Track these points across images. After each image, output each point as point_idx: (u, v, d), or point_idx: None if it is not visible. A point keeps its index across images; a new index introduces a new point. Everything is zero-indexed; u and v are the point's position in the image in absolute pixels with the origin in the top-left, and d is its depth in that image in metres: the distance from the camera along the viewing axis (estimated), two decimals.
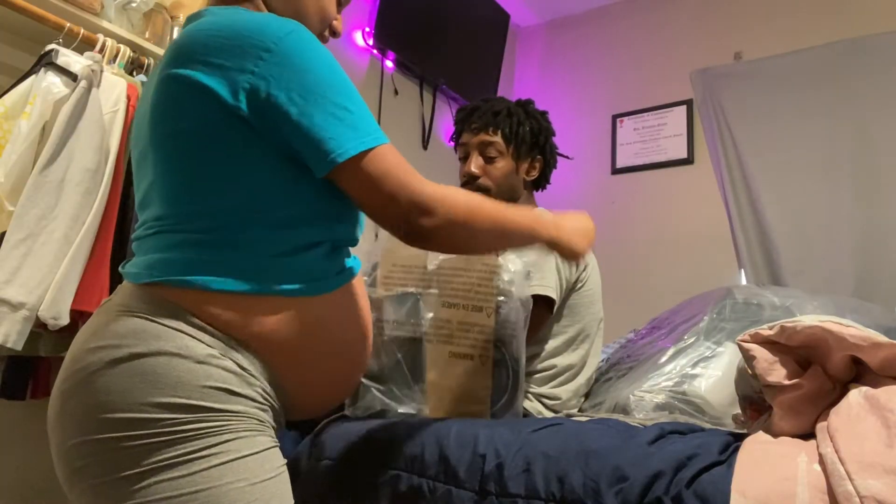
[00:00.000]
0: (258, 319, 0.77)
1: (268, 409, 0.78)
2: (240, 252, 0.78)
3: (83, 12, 1.70)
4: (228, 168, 0.78)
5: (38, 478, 1.65)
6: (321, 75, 0.78)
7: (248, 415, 0.75)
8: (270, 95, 0.75)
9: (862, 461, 0.70)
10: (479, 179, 1.68)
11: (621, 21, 3.32)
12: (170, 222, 0.80)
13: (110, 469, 0.70)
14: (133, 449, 0.70)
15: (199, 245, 0.78)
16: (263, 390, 0.78)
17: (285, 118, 0.76)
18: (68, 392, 0.74)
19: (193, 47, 0.78)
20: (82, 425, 0.72)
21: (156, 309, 0.75)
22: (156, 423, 0.70)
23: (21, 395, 1.60)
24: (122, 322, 0.75)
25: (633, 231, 3.01)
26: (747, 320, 1.47)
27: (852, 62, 2.52)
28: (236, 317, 0.76)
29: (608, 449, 0.89)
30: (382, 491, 1.00)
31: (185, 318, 0.75)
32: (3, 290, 1.40)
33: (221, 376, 0.74)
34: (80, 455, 0.72)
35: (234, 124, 0.77)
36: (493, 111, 1.68)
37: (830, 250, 2.46)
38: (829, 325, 0.85)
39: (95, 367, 0.73)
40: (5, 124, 1.51)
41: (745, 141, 2.69)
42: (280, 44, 0.76)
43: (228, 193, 0.79)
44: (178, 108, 0.79)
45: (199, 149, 0.78)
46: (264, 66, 0.75)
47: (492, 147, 1.68)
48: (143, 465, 0.70)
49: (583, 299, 1.67)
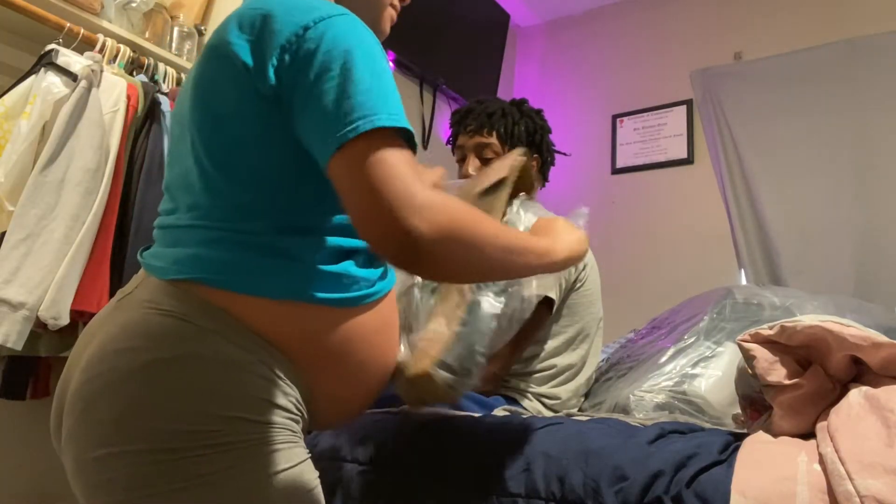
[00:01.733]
0: (299, 327, 0.73)
1: (299, 420, 0.74)
2: (283, 257, 0.73)
3: (83, 12, 1.70)
4: (272, 164, 0.74)
5: (39, 478, 1.65)
6: (363, 51, 0.71)
7: (284, 426, 0.71)
8: (294, 65, 0.70)
9: (862, 461, 0.70)
10: None
11: (621, 21, 3.32)
12: (209, 215, 0.75)
13: (138, 485, 0.64)
14: (165, 464, 0.64)
15: (241, 246, 0.73)
16: (297, 400, 0.73)
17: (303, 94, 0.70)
18: (93, 395, 0.68)
19: (239, 20, 0.75)
20: (110, 435, 0.66)
21: (191, 309, 0.70)
22: (192, 434, 0.65)
23: (21, 395, 1.60)
24: (154, 321, 0.69)
25: (633, 231, 3.01)
26: (747, 320, 1.47)
27: (852, 62, 2.52)
28: (276, 323, 0.71)
29: (608, 449, 0.89)
30: (383, 490, 1.00)
31: (224, 320, 0.70)
32: (3, 290, 1.40)
33: (260, 385, 0.69)
34: (105, 468, 0.65)
35: (271, 113, 0.72)
36: (488, 112, 1.68)
37: (830, 250, 2.46)
38: (829, 325, 0.85)
39: (126, 370, 0.67)
40: (5, 124, 1.51)
41: (745, 141, 2.69)
42: (324, 21, 0.71)
43: (258, 189, 0.74)
44: (216, 89, 0.75)
45: (239, 139, 0.74)
46: (297, 42, 0.70)
47: (488, 148, 1.68)
48: (175, 482, 0.64)
49: (582, 299, 1.67)
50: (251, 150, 0.74)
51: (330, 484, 1.05)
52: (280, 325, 0.72)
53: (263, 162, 0.74)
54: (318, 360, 0.74)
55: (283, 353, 0.72)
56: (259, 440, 0.68)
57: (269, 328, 0.71)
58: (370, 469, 1.03)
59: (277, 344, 0.71)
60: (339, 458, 1.06)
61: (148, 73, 1.82)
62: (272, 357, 0.71)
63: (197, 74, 0.78)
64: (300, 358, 0.73)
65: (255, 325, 0.71)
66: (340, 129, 0.67)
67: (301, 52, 0.70)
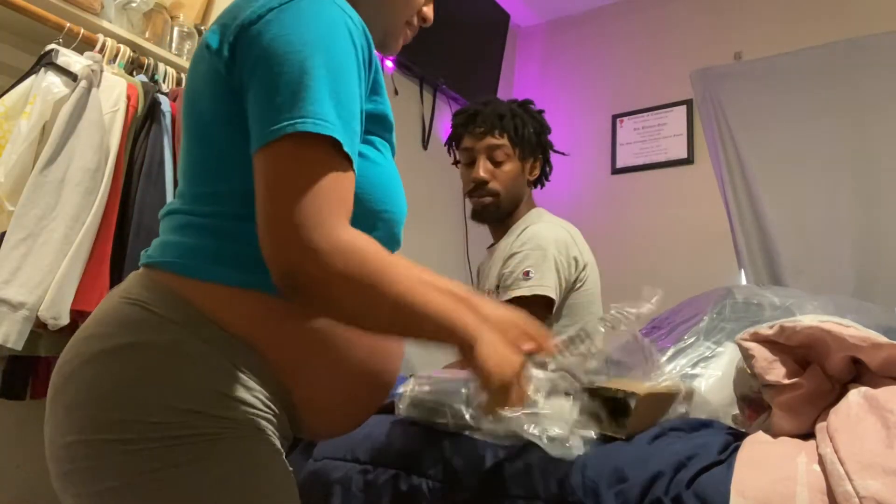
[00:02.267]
0: (261, 320, 0.69)
1: (271, 418, 0.70)
2: (242, 244, 0.69)
3: (83, 12, 1.70)
4: (230, 147, 0.71)
5: (39, 478, 1.65)
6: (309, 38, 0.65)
7: (245, 422, 0.67)
8: (246, 45, 0.67)
9: (861, 461, 0.70)
10: (488, 184, 1.69)
11: (621, 21, 3.32)
12: (186, 201, 0.74)
13: (97, 478, 0.63)
14: (118, 455, 0.63)
15: (199, 229, 0.71)
16: (266, 397, 0.70)
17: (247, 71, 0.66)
18: (58, 384, 0.68)
19: (224, 10, 0.74)
20: (69, 423, 0.66)
21: (157, 299, 0.69)
22: (144, 426, 0.63)
23: (21, 395, 1.60)
24: (120, 310, 0.69)
25: (633, 231, 3.01)
26: (747, 320, 1.47)
27: (852, 62, 2.52)
28: (238, 314, 0.69)
29: (608, 449, 0.89)
30: (383, 490, 1.00)
31: (186, 311, 0.68)
32: (3, 290, 1.40)
33: (217, 379, 0.66)
34: (68, 457, 0.65)
35: (228, 94, 0.70)
36: (498, 114, 1.68)
37: (830, 250, 2.46)
38: (828, 326, 0.85)
39: (85, 356, 0.67)
40: (5, 124, 1.51)
41: (745, 141, 2.69)
42: (290, 3, 0.67)
43: (231, 178, 0.71)
44: (196, 75, 0.75)
45: (207, 122, 0.73)
46: (257, 20, 0.67)
47: (500, 150, 1.69)
48: (125, 476, 0.63)
49: (582, 299, 1.67)
50: (219, 135, 0.72)
51: (330, 484, 1.05)
52: (239, 314, 0.69)
53: (229, 146, 0.71)
54: (289, 357, 0.71)
55: (250, 347, 0.69)
56: (215, 435, 0.65)
57: (229, 317, 0.68)
58: (371, 469, 1.03)
59: (242, 337, 0.68)
60: (339, 458, 1.07)
61: (148, 73, 1.82)
62: (235, 351, 0.68)
63: (191, 68, 0.79)
64: (271, 354, 0.70)
65: (217, 316, 0.68)
66: (270, 124, 0.63)
67: (254, 29, 0.67)
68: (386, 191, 0.78)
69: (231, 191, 0.71)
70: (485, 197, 1.70)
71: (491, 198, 1.70)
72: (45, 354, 1.57)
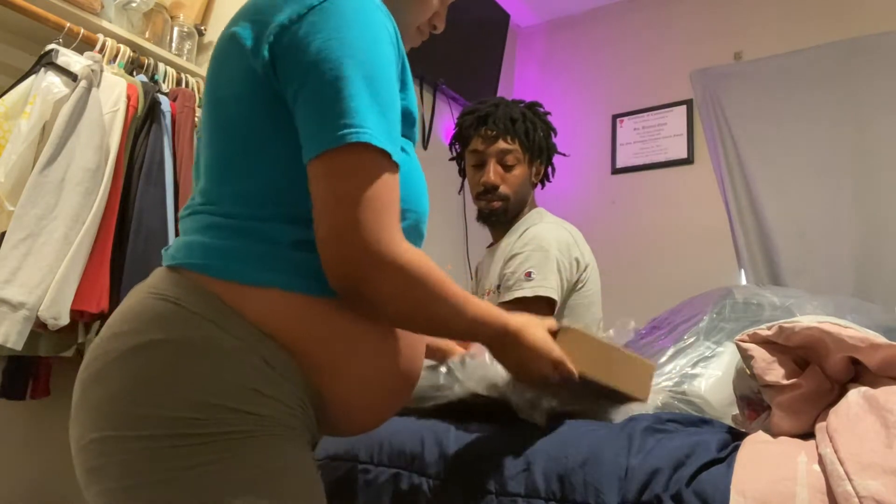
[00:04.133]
0: (295, 320, 0.69)
1: (298, 416, 0.70)
2: (263, 243, 0.70)
3: (83, 12, 1.70)
4: (261, 146, 0.71)
5: (39, 477, 1.65)
6: (358, 44, 0.67)
7: (277, 420, 0.67)
8: (291, 48, 0.67)
9: (861, 461, 0.70)
10: (498, 189, 1.69)
11: (621, 21, 3.32)
12: (211, 201, 0.74)
13: (125, 473, 0.63)
14: (149, 451, 0.63)
15: (225, 230, 0.71)
16: (296, 396, 0.69)
17: (301, 75, 0.67)
18: (88, 380, 0.68)
19: (248, 5, 0.74)
20: (100, 419, 0.65)
21: (186, 294, 0.68)
22: (176, 422, 0.63)
23: (21, 395, 1.60)
24: (149, 305, 0.69)
25: (633, 231, 3.01)
26: (747, 320, 1.47)
27: (852, 62, 2.52)
28: (270, 314, 0.68)
29: (608, 447, 0.89)
30: (383, 489, 1.00)
31: (218, 307, 0.67)
32: (3, 290, 1.40)
33: (248, 374, 0.66)
34: (96, 453, 0.65)
35: (266, 93, 0.70)
36: (511, 118, 1.68)
37: (830, 250, 2.46)
38: (827, 327, 0.85)
39: (115, 353, 0.66)
40: (5, 124, 1.51)
41: (745, 141, 2.69)
42: (329, 1, 0.67)
43: (260, 176, 0.71)
44: (222, 71, 0.74)
45: (237, 121, 0.72)
46: (298, 20, 0.67)
47: (511, 155, 1.69)
48: (158, 472, 0.62)
49: (583, 300, 1.67)
50: (250, 132, 0.72)
51: (330, 483, 1.05)
52: (274, 315, 0.69)
53: (259, 144, 0.71)
54: (319, 357, 0.71)
55: (282, 345, 0.69)
56: (246, 433, 0.65)
57: (263, 318, 0.68)
58: (371, 468, 1.03)
59: (275, 335, 0.68)
60: (341, 458, 1.07)
61: (148, 73, 1.82)
62: (267, 348, 0.68)
63: (210, 65, 0.78)
64: (302, 354, 0.70)
65: (249, 314, 0.68)
66: (324, 133, 0.65)
67: (300, 34, 0.67)
68: (412, 188, 0.78)
69: (258, 189, 0.72)
70: (494, 201, 1.70)
71: (500, 202, 1.70)
72: (45, 354, 1.57)
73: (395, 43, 0.72)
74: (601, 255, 1.81)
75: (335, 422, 0.76)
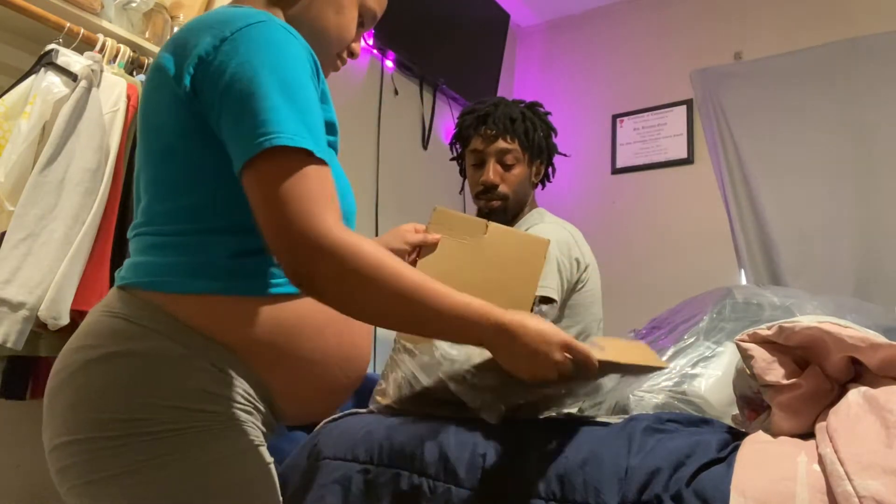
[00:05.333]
0: (232, 322, 0.76)
1: (251, 411, 0.77)
2: (200, 254, 0.77)
3: (83, 12, 1.70)
4: (194, 165, 0.78)
5: (38, 478, 1.65)
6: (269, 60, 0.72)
7: (227, 415, 0.74)
8: (209, 77, 0.73)
9: (861, 461, 0.70)
10: (498, 188, 1.69)
11: (621, 21, 3.32)
12: (146, 221, 0.81)
13: (90, 470, 0.71)
14: (108, 450, 0.70)
15: (164, 248, 0.79)
16: (245, 392, 0.76)
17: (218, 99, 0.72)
18: (52, 391, 0.76)
19: (174, 36, 0.81)
20: (64, 425, 0.73)
21: (134, 310, 0.76)
22: (129, 423, 0.70)
23: (21, 395, 1.60)
24: (102, 323, 0.77)
25: (633, 231, 3.01)
26: (747, 320, 1.47)
27: (852, 62, 2.52)
28: (210, 319, 0.75)
29: (607, 447, 0.89)
30: (383, 490, 1.00)
31: (164, 320, 0.74)
32: (3, 289, 1.40)
33: (196, 377, 0.73)
34: (63, 455, 0.73)
35: (192, 117, 0.76)
36: (511, 118, 1.69)
37: (830, 250, 2.46)
38: (827, 327, 0.85)
39: (75, 366, 0.74)
40: (5, 124, 1.51)
41: (745, 141, 2.69)
42: (240, 32, 0.74)
43: (198, 191, 0.78)
44: (153, 97, 0.82)
45: (170, 143, 0.79)
46: (214, 52, 0.74)
47: (510, 154, 1.70)
48: (115, 467, 0.70)
49: (583, 300, 1.67)
50: (183, 150, 0.78)
51: (330, 483, 1.05)
52: (213, 320, 0.75)
53: (193, 160, 0.78)
54: (263, 354, 0.77)
55: (226, 347, 0.75)
56: (198, 428, 0.72)
57: (205, 324, 0.75)
58: (371, 468, 1.03)
59: (218, 339, 0.75)
60: (340, 458, 1.07)
61: (148, 73, 1.82)
62: (213, 352, 0.74)
63: (143, 91, 0.87)
64: (245, 352, 0.76)
65: (192, 322, 0.74)
66: (245, 145, 0.70)
67: (216, 63, 0.73)
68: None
69: (199, 203, 0.78)
70: (493, 200, 1.71)
71: (500, 201, 1.71)
72: (45, 354, 1.57)
73: (310, 60, 0.78)
74: (601, 255, 1.81)
75: (290, 412, 0.82)
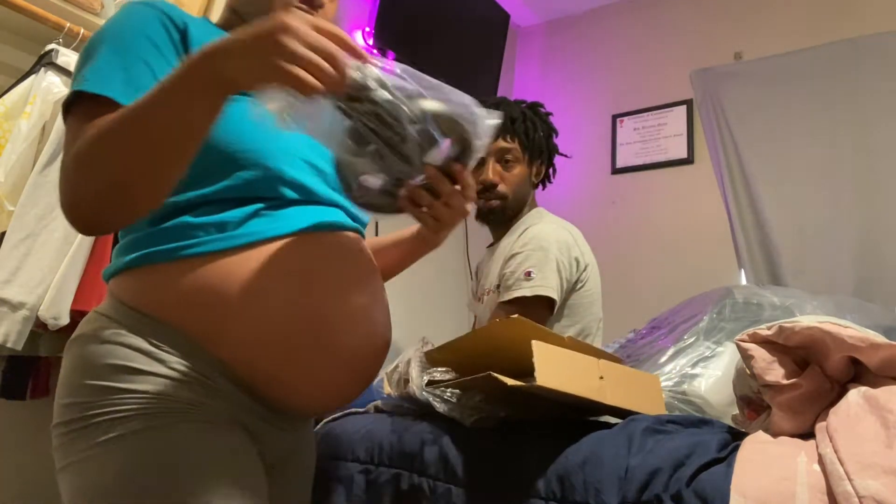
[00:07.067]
0: (151, 291, 0.76)
1: (194, 385, 0.73)
2: (129, 231, 0.81)
3: (83, 12, 1.70)
4: None
5: (38, 478, 1.65)
6: (104, 31, 0.81)
7: (160, 394, 0.71)
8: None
9: (861, 461, 0.70)
10: (497, 187, 1.70)
11: (621, 21, 3.32)
12: None
13: (58, 457, 0.74)
14: (66, 436, 0.73)
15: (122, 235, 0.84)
16: (184, 365, 0.73)
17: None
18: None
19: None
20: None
21: (104, 303, 0.81)
22: (73, 408, 0.72)
23: (21, 395, 1.60)
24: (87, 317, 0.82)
25: (633, 231, 3.01)
26: (747, 320, 1.47)
27: (853, 62, 2.52)
28: (132, 292, 0.77)
29: (607, 447, 0.89)
30: (384, 489, 1.00)
31: (110, 301, 0.79)
32: (3, 289, 1.40)
33: (124, 354, 0.72)
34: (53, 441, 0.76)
35: None
36: (511, 117, 1.69)
37: (830, 250, 2.46)
38: (827, 326, 0.85)
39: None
40: (5, 124, 1.51)
41: (745, 141, 2.69)
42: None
43: None
44: None
45: None
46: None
47: (510, 154, 1.71)
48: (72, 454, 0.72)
49: (583, 299, 1.67)
50: None
51: (331, 483, 1.05)
52: (136, 293, 0.77)
53: None
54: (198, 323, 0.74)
55: (161, 321, 0.74)
56: (126, 410, 0.70)
57: (137, 300, 0.76)
58: (371, 468, 1.03)
59: (151, 314, 0.75)
60: (340, 458, 1.07)
61: None
62: (148, 327, 0.74)
63: None
64: (179, 322, 0.74)
65: (127, 299, 0.77)
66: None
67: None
68: (235, 132, 0.79)
69: None
70: (492, 200, 1.71)
71: (498, 201, 1.71)
72: (45, 354, 1.57)
73: (160, 18, 0.82)
74: (601, 255, 1.81)
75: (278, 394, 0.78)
